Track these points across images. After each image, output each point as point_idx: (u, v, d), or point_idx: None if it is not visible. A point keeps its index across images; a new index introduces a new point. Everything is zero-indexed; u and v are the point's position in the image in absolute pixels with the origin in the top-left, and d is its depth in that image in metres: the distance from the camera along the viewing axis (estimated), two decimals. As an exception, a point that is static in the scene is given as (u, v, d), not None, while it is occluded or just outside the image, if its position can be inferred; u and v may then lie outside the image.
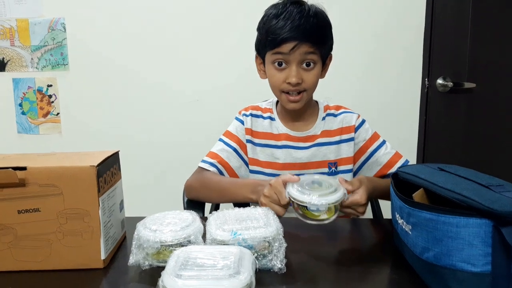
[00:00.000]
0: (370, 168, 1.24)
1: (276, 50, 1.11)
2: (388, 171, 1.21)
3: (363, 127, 1.25)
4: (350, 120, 1.25)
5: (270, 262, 0.78)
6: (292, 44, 1.09)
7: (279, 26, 1.09)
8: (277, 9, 1.13)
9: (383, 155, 1.22)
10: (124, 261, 0.84)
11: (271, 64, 1.15)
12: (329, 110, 1.27)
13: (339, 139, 1.23)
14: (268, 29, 1.12)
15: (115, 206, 0.91)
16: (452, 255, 0.67)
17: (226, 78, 2.05)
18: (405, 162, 1.22)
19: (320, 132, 1.24)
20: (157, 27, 2.02)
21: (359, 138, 1.24)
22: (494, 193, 0.67)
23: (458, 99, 2.04)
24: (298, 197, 0.90)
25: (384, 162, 1.22)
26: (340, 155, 1.23)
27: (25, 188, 0.79)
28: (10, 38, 2.05)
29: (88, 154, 0.90)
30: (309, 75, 1.14)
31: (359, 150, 1.24)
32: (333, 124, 1.25)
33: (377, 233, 1.02)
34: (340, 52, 1.92)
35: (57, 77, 2.08)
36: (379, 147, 1.23)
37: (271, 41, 1.11)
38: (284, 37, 1.08)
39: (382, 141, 1.25)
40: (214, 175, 1.20)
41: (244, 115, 1.28)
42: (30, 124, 2.12)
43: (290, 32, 1.08)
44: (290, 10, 1.11)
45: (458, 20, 1.98)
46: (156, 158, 2.12)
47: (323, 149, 1.23)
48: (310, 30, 1.09)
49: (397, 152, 1.24)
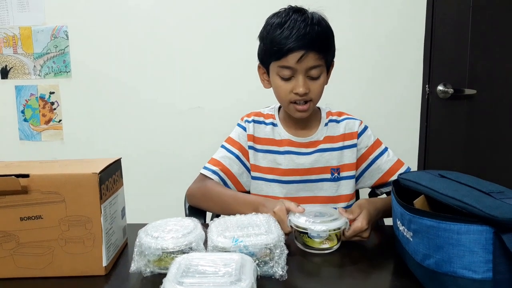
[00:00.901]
0: (372, 175, 1.24)
1: (283, 63, 1.10)
2: (389, 178, 1.21)
3: (365, 133, 1.25)
4: (352, 126, 1.25)
5: (271, 269, 0.78)
6: (299, 54, 1.07)
7: (284, 36, 1.08)
8: (280, 18, 1.12)
9: (385, 162, 1.22)
10: (126, 268, 0.84)
11: (276, 75, 1.14)
12: (331, 116, 1.27)
13: (342, 145, 1.23)
14: (272, 39, 1.11)
15: (117, 213, 0.92)
16: (453, 262, 0.67)
17: (228, 85, 2.05)
18: (407, 169, 1.21)
19: (323, 138, 1.24)
20: (159, 35, 2.03)
21: (361, 145, 1.24)
22: (495, 200, 0.67)
23: (458, 105, 2.04)
24: (298, 223, 0.90)
25: (386, 169, 1.22)
26: (342, 161, 1.23)
27: (28, 195, 0.80)
28: (13, 45, 2.06)
29: (90, 161, 0.90)
30: (316, 84, 1.13)
31: (361, 157, 1.24)
32: (336, 130, 1.24)
33: (378, 240, 1.02)
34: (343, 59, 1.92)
35: (59, 84, 2.09)
36: (381, 154, 1.23)
37: (276, 51, 1.10)
38: (291, 47, 1.07)
39: (384, 148, 1.25)
40: (216, 186, 1.19)
41: (246, 121, 1.28)
42: (32, 131, 2.13)
43: (297, 41, 1.07)
44: (293, 18, 1.09)
45: (458, 27, 1.99)
46: (158, 165, 2.12)
47: (325, 155, 1.22)
48: (316, 38, 1.08)
49: (399, 160, 1.23)
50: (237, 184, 1.25)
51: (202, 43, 2.03)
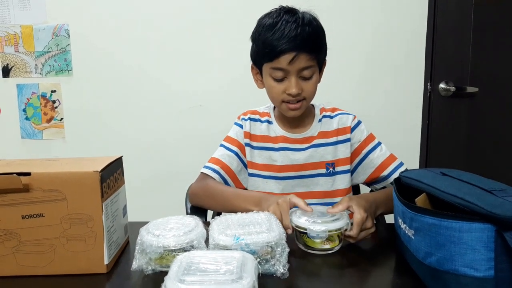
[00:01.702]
0: (364, 170, 1.24)
1: (275, 65, 1.11)
2: (381, 173, 1.21)
3: (358, 128, 1.25)
4: (346, 121, 1.25)
5: (272, 267, 0.78)
6: (290, 55, 1.08)
7: (275, 38, 1.09)
8: (271, 19, 1.12)
9: (377, 157, 1.22)
10: (127, 266, 0.84)
11: (269, 75, 1.15)
12: (325, 112, 1.28)
13: (336, 140, 1.24)
14: (264, 41, 1.11)
15: (119, 211, 0.92)
16: (455, 260, 0.67)
17: (229, 83, 2.05)
18: (399, 164, 1.21)
19: (317, 133, 1.24)
20: (161, 33, 2.03)
21: (354, 139, 1.25)
22: (497, 198, 0.66)
23: (460, 103, 2.04)
24: (298, 223, 0.90)
25: (378, 164, 1.22)
26: (337, 156, 1.23)
27: (29, 193, 0.80)
28: (14, 44, 2.06)
29: (92, 159, 0.90)
30: (308, 84, 1.14)
31: (355, 151, 1.24)
32: (330, 126, 1.25)
33: (379, 238, 1.02)
34: (343, 57, 1.94)
35: (60, 83, 2.09)
36: (373, 149, 1.23)
37: (268, 52, 1.10)
38: (283, 49, 1.08)
39: (377, 143, 1.25)
40: (217, 184, 1.20)
41: (243, 119, 1.29)
42: (34, 129, 2.13)
43: (288, 43, 1.07)
44: (284, 19, 1.10)
45: (460, 24, 1.99)
46: (159, 163, 2.12)
47: (320, 150, 1.23)
48: (307, 39, 1.08)
49: (391, 155, 1.24)
50: (236, 181, 1.26)
51: (203, 42, 2.03)
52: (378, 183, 1.24)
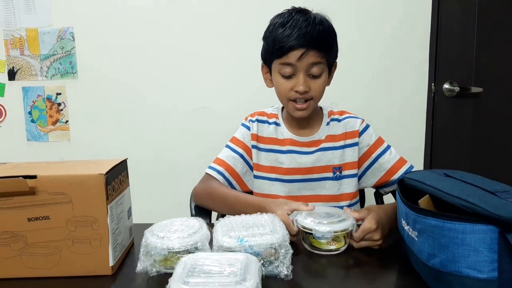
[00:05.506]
0: (374, 174, 1.23)
1: (284, 60, 1.12)
2: (392, 177, 1.21)
3: (367, 132, 1.25)
4: (354, 125, 1.25)
5: (276, 269, 0.79)
6: (299, 52, 1.09)
7: (286, 34, 1.10)
8: (282, 18, 1.14)
9: (387, 161, 1.22)
10: (132, 268, 0.85)
11: (278, 72, 1.15)
12: (333, 115, 1.27)
13: (344, 144, 1.23)
14: (275, 38, 1.12)
15: (123, 213, 0.92)
16: (458, 262, 0.67)
17: (233, 85, 2.06)
18: (409, 168, 1.21)
19: (325, 137, 1.24)
20: (165, 36, 2.04)
21: (363, 143, 1.24)
22: (500, 199, 0.66)
23: (465, 103, 2.03)
24: (304, 224, 0.90)
25: (388, 168, 1.21)
26: (344, 160, 1.23)
27: (35, 196, 0.81)
28: (20, 47, 2.08)
29: (97, 162, 0.91)
30: (316, 83, 1.14)
31: (363, 155, 1.24)
32: (337, 129, 1.25)
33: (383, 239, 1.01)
34: (348, 59, 1.94)
35: (66, 86, 2.10)
36: (383, 153, 1.23)
37: (278, 49, 1.11)
38: (292, 45, 1.09)
39: (386, 146, 1.24)
40: (220, 187, 1.20)
41: (250, 121, 1.29)
42: (40, 132, 2.14)
43: (298, 39, 1.09)
44: (296, 18, 1.11)
45: (464, 24, 1.98)
46: (163, 165, 2.13)
47: (327, 154, 1.23)
48: (316, 37, 1.09)
49: (401, 158, 1.23)
50: (241, 183, 1.26)
51: (207, 44, 2.04)
52: (388, 186, 1.24)
